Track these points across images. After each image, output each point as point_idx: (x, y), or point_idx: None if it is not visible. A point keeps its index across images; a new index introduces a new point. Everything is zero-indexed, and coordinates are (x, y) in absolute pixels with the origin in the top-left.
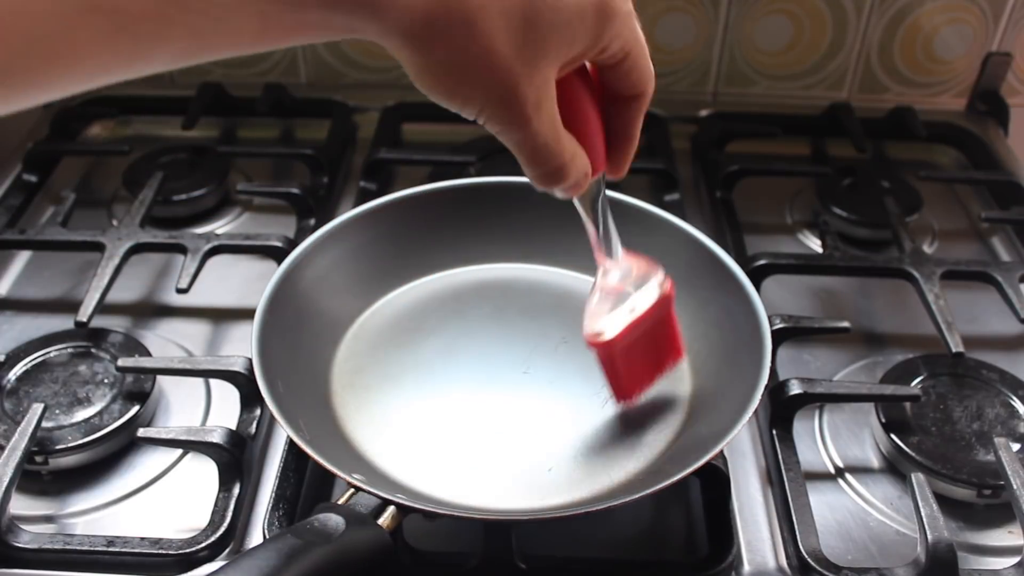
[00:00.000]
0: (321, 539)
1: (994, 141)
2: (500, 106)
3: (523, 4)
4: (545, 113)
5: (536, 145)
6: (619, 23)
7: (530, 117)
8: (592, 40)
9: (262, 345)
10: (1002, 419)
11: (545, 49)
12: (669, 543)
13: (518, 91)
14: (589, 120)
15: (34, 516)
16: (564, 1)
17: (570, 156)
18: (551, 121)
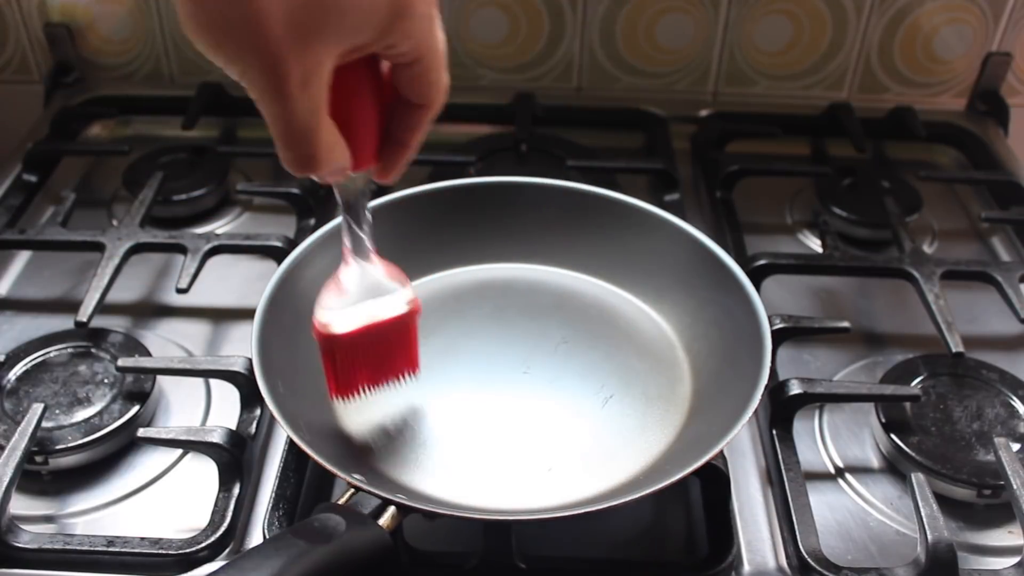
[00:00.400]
0: (321, 539)
1: (994, 141)
2: (261, 74)
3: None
4: (309, 95)
5: (292, 126)
6: (412, 23)
7: (291, 94)
8: (379, 33)
9: (262, 345)
10: (1002, 419)
11: (323, 30)
12: (669, 543)
13: (283, 64)
14: (363, 114)
15: (34, 516)
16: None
17: (326, 147)
18: (313, 105)
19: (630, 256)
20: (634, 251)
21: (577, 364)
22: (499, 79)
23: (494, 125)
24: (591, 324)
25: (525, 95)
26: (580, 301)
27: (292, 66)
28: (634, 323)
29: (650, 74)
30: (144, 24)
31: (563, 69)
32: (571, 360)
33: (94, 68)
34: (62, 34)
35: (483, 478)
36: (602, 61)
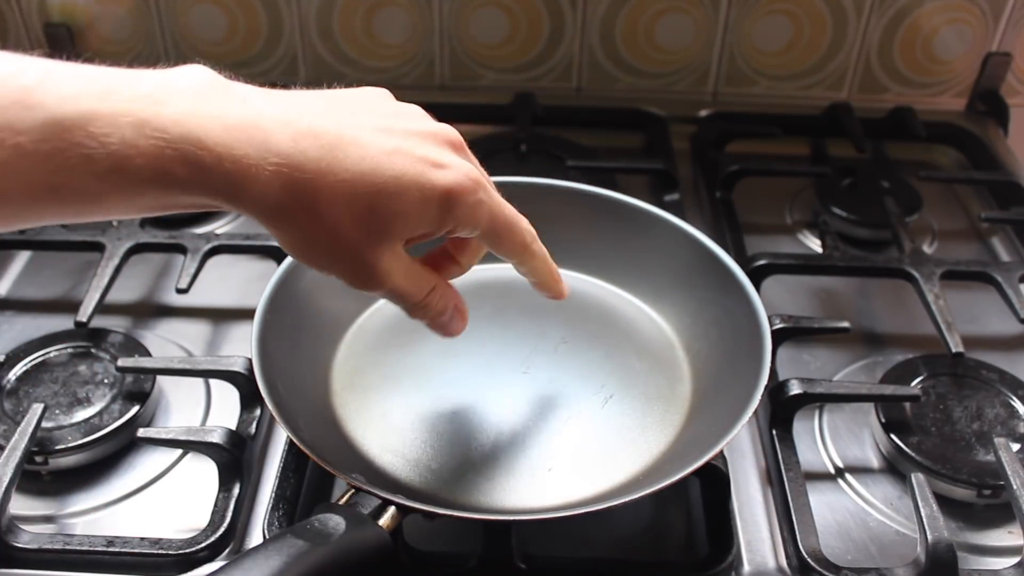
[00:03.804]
0: (321, 539)
1: (994, 141)
2: (353, 275)
3: (369, 195)
4: (396, 275)
5: (395, 297)
6: (462, 212)
7: (382, 281)
8: (436, 225)
9: (262, 345)
10: (1002, 419)
11: (390, 232)
12: (669, 543)
13: (365, 264)
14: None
15: (34, 516)
16: (408, 194)
17: (427, 294)
18: (403, 278)
19: (630, 256)
20: (634, 251)
21: (577, 364)
22: (499, 79)
23: (494, 125)
24: (591, 324)
25: (525, 95)
26: (580, 301)
27: (374, 263)
28: (634, 323)
29: (650, 74)
30: (144, 24)
31: (563, 69)
32: (571, 360)
33: None
34: (62, 34)
35: (483, 478)
36: (602, 61)
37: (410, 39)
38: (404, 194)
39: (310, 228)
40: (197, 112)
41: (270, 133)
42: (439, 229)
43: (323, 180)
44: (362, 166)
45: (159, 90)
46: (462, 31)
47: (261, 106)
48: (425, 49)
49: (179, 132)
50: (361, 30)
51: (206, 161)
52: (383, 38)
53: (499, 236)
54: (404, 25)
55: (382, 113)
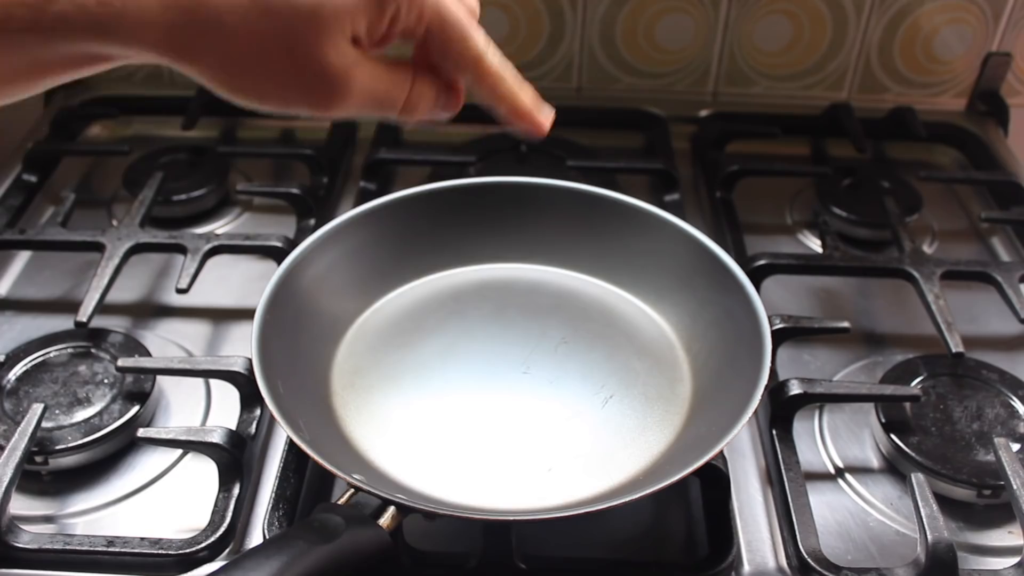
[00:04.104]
0: (321, 539)
1: (994, 141)
2: (308, 90)
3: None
4: (361, 76)
5: (373, 103)
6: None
7: (346, 85)
8: (374, 11)
9: (262, 345)
10: (1002, 419)
11: (322, 20)
12: (669, 543)
13: (314, 69)
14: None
15: (34, 516)
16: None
17: (408, 89)
18: (371, 78)
19: (630, 256)
20: (634, 251)
21: (577, 364)
22: None
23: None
24: (591, 324)
25: None
26: (580, 301)
27: (325, 74)
28: (634, 323)
29: (650, 74)
30: None
31: (563, 69)
32: (571, 360)
33: None
34: None
35: (483, 478)
36: (602, 61)
37: None
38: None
39: (221, 46)
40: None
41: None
42: (380, 17)
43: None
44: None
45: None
46: None
47: None
48: None
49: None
50: None
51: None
52: None
53: (447, 33)
54: None
55: None
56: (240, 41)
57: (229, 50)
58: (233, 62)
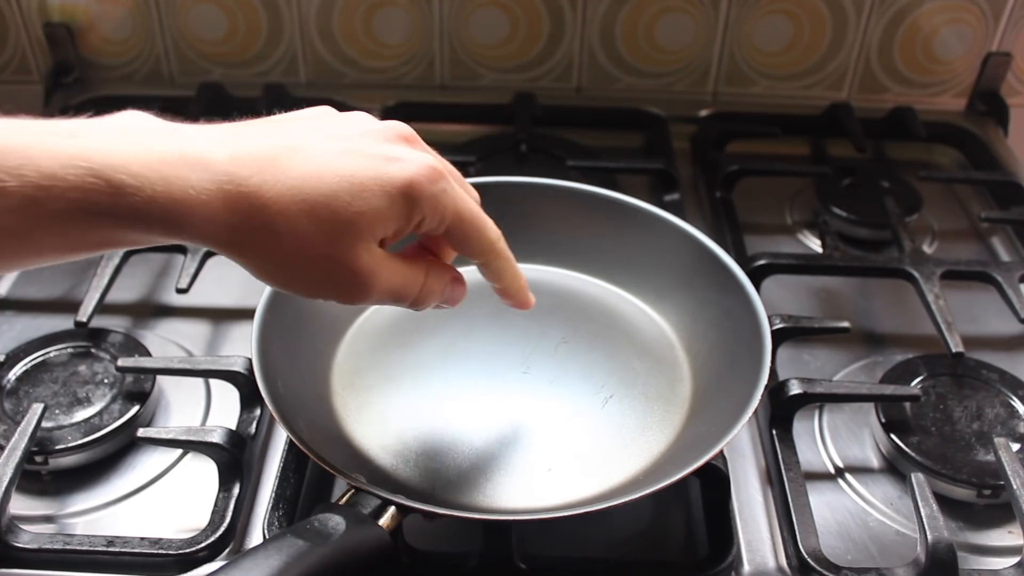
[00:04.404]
0: (321, 539)
1: (994, 141)
2: (339, 287)
3: (325, 197)
4: (384, 275)
5: (391, 298)
6: (427, 203)
7: (371, 284)
8: (404, 220)
9: (262, 345)
10: (1002, 419)
11: (358, 231)
12: (669, 543)
13: (346, 270)
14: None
15: (34, 516)
16: (367, 191)
17: (421, 285)
18: (392, 276)
19: (630, 256)
20: (634, 251)
21: (577, 364)
22: (499, 79)
23: (494, 125)
24: (591, 324)
25: (525, 95)
26: (580, 301)
27: (355, 270)
28: (634, 323)
29: (650, 74)
30: (144, 24)
31: (563, 69)
32: (571, 360)
33: (94, 68)
34: (62, 34)
35: (483, 478)
36: (602, 61)
37: (410, 39)
38: (363, 192)
39: (272, 245)
40: (122, 141)
41: (204, 154)
42: (408, 224)
43: (270, 191)
44: (308, 169)
45: (80, 127)
46: (462, 31)
47: (192, 134)
48: (425, 49)
49: (101, 160)
50: (361, 30)
51: (131, 186)
52: (383, 38)
53: (465, 231)
54: (404, 25)
55: (325, 123)
56: (288, 243)
57: (278, 249)
58: (279, 260)
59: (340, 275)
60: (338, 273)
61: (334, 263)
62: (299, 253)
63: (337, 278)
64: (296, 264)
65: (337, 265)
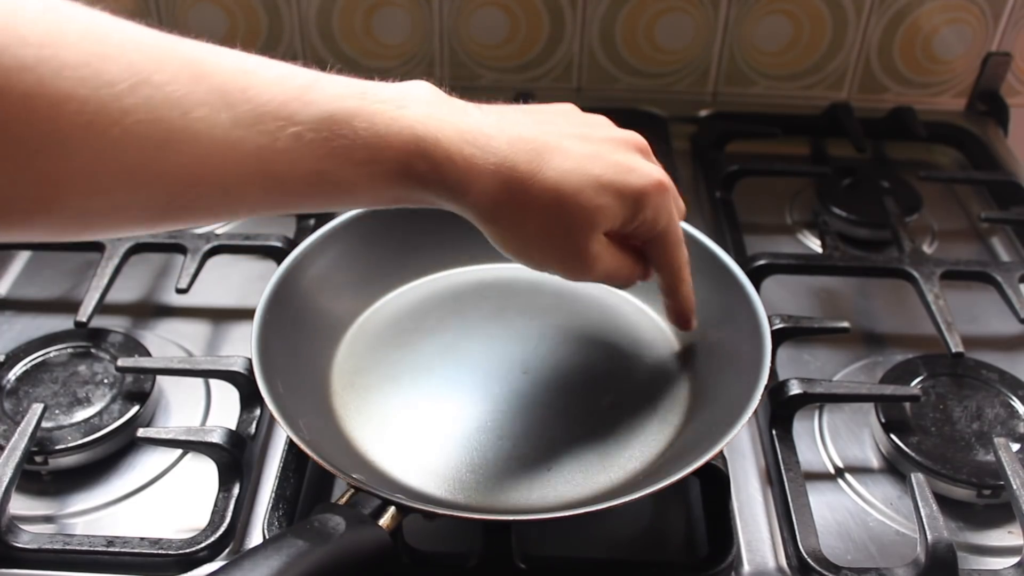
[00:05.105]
0: (321, 539)
1: (994, 141)
2: (567, 263)
3: (575, 191)
4: (605, 259)
5: (607, 279)
6: (652, 210)
7: (594, 265)
8: (629, 220)
9: (262, 345)
10: (1002, 419)
11: (594, 223)
12: (669, 543)
13: (577, 252)
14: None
15: (34, 516)
16: (608, 192)
17: (631, 270)
18: (611, 261)
19: None
20: None
21: (577, 364)
22: (499, 79)
23: None
24: (591, 324)
25: (525, 95)
26: (580, 301)
27: (582, 256)
28: (634, 323)
29: (650, 74)
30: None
31: (563, 69)
32: (571, 360)
33: None
34: None
35: (483, 478)
36: (602, 61)
37: (410, 39)
38: (605, 192)
39: (525, 222)
40: (432, 116)
41: (491, 138)
42: (631, 224)
43: (534, 178)
44: (567, 166)
45: (400, 96)
46: (462, 31)
47: (479, 116)
48: (425, 49)
49: (421, 131)
50: (361, 30)
51: (441, 158)
52: (383, 38)
53: (668, 245)
54: (404, 25)
55: (576, 123)
56: (537, 223)
57: (528, 227)
58: (526, 235)
59: (571, 255)
60: (570, 253)
61: (569, 245)
62: (543, 232)
63: (568, 257)
64: (538, 241)
65: (571, 247)
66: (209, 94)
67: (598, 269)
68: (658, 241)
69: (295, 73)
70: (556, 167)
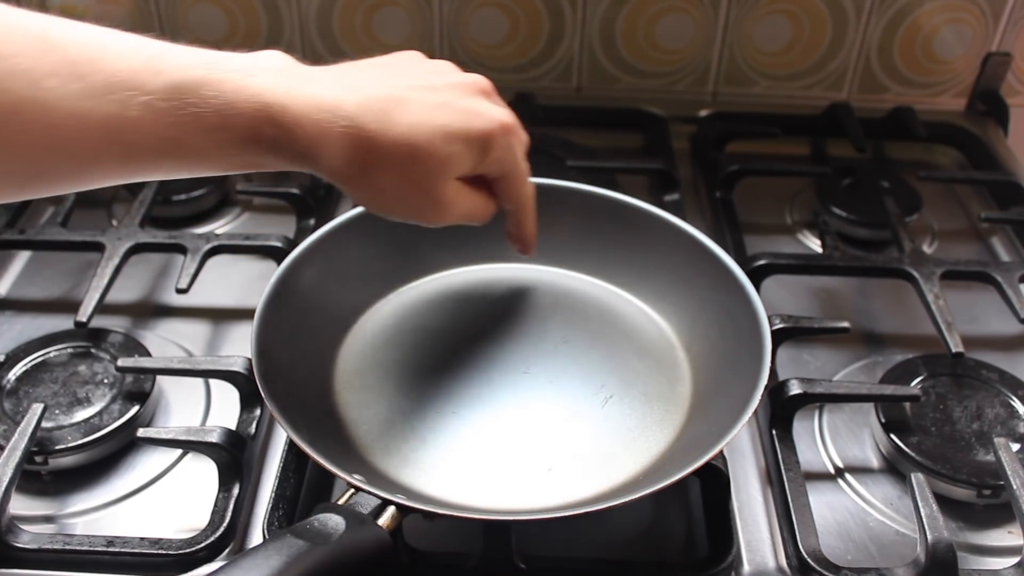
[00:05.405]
0: (321, 539)
1: (994, 141)
2: (424, 211)
3: (425, 143)
4: (461, 202)
5: (462, 219)
6: (499, 152)
7: (450, 209)
8: (477, 162)
9: (262, 345)
10: (1002, 419)
11: (445, 170)
12: (669, 543)
13: (433, 199)
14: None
15: (34, 516)
16: (456, 140)
17: (485, 207)
18: (467, 203)
19: (630, 256)
20: (634, 251)
21: (577, 364)
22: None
23: None
24: (591, 324)
25: (525, 95)
26: (580, 301)
27: (435, 202)
28: (634, 323)
29: (650, 74)
30: (144, 24)
31: (563, 69)
32: (571, 360)
33: None
34: None
35: (483, 478)
36: (602, 61)
37: (410, 39)
38: (453, 140)
39: (381, 179)
40: (280, 84)
41: (339, 101)
42: (480, 165)
43: (384, 136)
44: (415, 120)
45: (248, 65)
46: (462, 31)
47: (329, 80)
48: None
49: (269, 98)
50: (361, 30)
51: (289, 123)
52: (383, 38)
53: (515, 181)
54: (404, 25)
55: (422, 72)
56: (393, 177)
57: (385, 182)
58: (384, 191)
59: (428, 202)
60: (428, 200)
61: (426, 194)
62: (400, 185)
63: (426, 206)
64: (396, 194)
65: (427, 195)
66: (59, 65)
67: (454, 212)
68: (507, 179)
69: (146, 44)
70: (405, 122)
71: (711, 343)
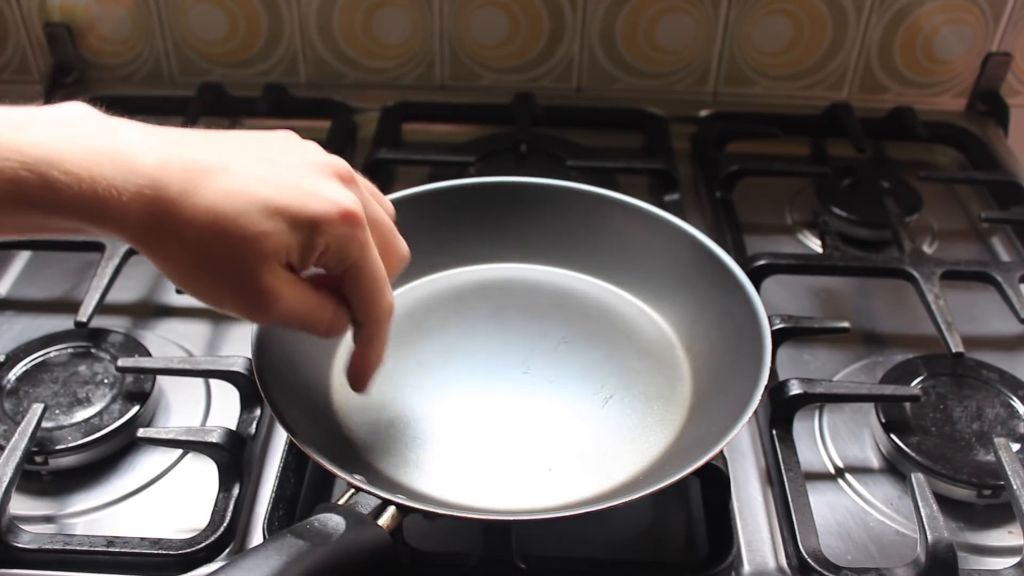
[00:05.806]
0: (321, 539)
1: (994, 141)
2: (241, 299)
3: (236, 215)
4: (287, 297)
5: (296, 321)
6: (330, 241)
7: (272, 303)
8: (305, 249)
9: (262, 345)
10: (1002, 419)
11: (260, 251)
12: (669, 543)
13: (249, 285)
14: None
15: (34, 516)
16: (277, 217)
17: (332, 314)
18: (295, 300)
19: (630, 256)
20: (634, 251)
21: (577, 364)
22: (499, 79)
23: (494, 125)
24: (591, 324)
25: (525, 95)
26: (580, 301)
27: (257, 289)
28: (634, 323)
29: (650, 74)
30: (144, 24)
31: (563, 69)
32: (571, 360)
33: (94, 68)
34: (62, 34)
35: (483, 478)
36: (602, 61)
37: (410, 39)
38: (273, 216)
39: (180, 251)
40: (61, 138)
41: (134, 158)
42: (310, 254)
43: (187, 201)
44: (229, 189)
45: (26, 119)
46: (462, 31)
47: (131, 136)
48: (425, 49)
49: (37, 154)
50: (361, 30)
51: (61, 182)
52: (383, 38)
53: (361, 284)
54: (404, 25)
55: (271, 148)
56: (194, 251)
57: (184, 256)
58: (186, 266)
59: (243, 289)
60: (242, 287)
61: (235, 276)
62: (203, 262)
63: (240, 292)
64: (199, 272)
65: (238, 279)
66: None
67: (279, 308)
68: (348, 278)
69: None
70: (215, 188)
71: (711, 343)
